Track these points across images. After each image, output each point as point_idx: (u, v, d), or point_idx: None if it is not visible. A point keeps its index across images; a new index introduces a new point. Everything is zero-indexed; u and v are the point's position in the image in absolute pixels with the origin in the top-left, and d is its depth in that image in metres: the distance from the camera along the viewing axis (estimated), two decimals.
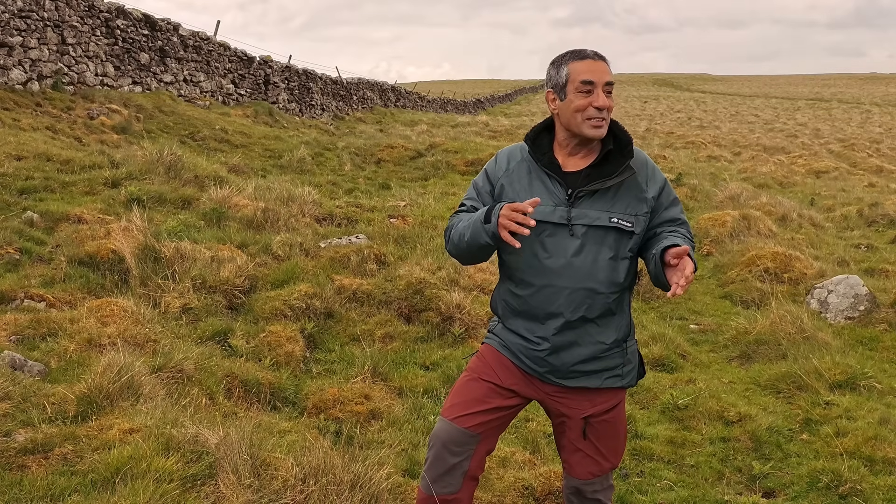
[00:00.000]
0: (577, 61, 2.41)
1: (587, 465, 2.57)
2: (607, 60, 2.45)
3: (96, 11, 14.33)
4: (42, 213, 6.38)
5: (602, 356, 2.49)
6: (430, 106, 43.18)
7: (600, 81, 2.38)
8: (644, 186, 2.47)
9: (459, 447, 2.50)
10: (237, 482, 2.89)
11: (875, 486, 3.60)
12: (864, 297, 6.38)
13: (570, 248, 2.40)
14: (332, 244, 6.70)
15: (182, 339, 4.56)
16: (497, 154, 2.63)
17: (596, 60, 2.40)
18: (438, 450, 2.52)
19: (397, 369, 4.80)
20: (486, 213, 2.34)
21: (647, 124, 37.83)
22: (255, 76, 21.09)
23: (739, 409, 4.49)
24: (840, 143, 28.23)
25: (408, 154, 14.39)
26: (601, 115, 2.38)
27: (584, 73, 2.38)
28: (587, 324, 2.45)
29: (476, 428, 2.51)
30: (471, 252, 2.45)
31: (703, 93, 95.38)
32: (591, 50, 2.44)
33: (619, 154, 2.45)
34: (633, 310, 6.65)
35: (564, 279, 2.41)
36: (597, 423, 2.54)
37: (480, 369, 2.59)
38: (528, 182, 2.47)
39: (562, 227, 2.40)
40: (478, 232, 2.35)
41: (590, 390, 2.52)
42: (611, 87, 2.40)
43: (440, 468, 2.51)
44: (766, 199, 10.99)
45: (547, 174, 2.46)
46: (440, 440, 2.52)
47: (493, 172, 2.56)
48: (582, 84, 2.38)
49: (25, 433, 3.17)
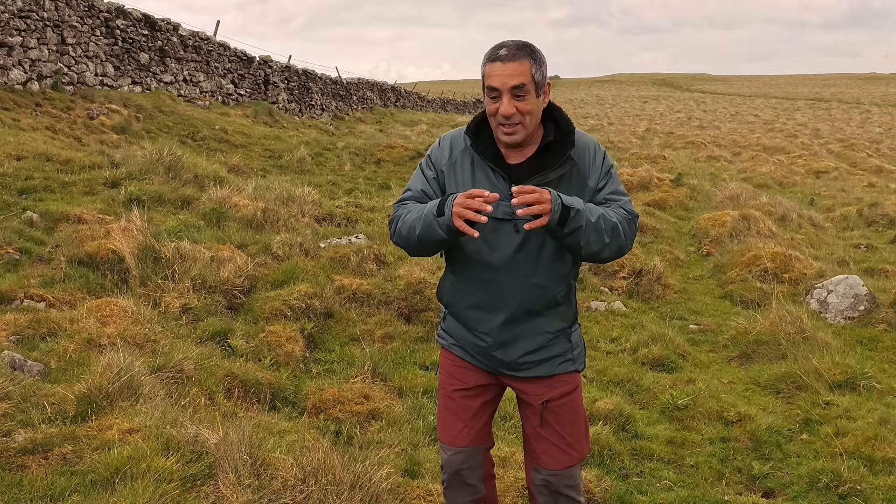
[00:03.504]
0: (489, 64, 2.29)
1: (554, 454, 2.55)
2: (529, 56, 2.26)
3: (96, 11, 14.32)
4: (42, 213, 6.38)
5: (548, 345, 2.48)
6: (430, 106, 43.16)
7: (505, 87, 2.24)
8: (586, 174, 2.40)
9: (470, 464, 2.62)
10: (237, 482, 2.89)
11: (875, 486, 3.60)
12: (864, 297, 6.38)
13: (513, 244, 2.35)
14: (332, 244, 6.70)
15: (182, 339, 4.56)
16: (441, 138, 2.53)
17: (506, 63, 2.24)
18: (452, 475, 2.64)
19: (397, 369, 4.80)
20: (439, 205, 2.24)
21: (646, 124, 37.83)
22: (254, 76, 21.09)
23: (739, 409, 4.49)
24: (840, 144, 28.22)
25: (408, 154, 14.39)
26: (510, 122, 2.28)
27: (490, 77, 2.28)
28: (533, 317, 2.43)
29: (475, 441, 2.60)
30: (422, 246, 2.37)
31: (703, 93, 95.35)
32: (507, 48, 2.27)
33: (560, 144, 2.37)
34: (633, 310, 6.65)
35: (508, 275, 2.37)
36: (555, 407, 2.53)
37: (446, 383, 2.64)
38: (471, 174, 2.39)
39: (505, 222, 2.33)
40: (430, 225, 2.26)
41: (544, 378, 2.51)
42: (522, 90, 2.24)
43: (462, 487, 2.65)
44: (766, 200, 10.99)
45: (490, 167, 2.38)
46: (452, 468, 2.63)
47: (436, 159, 2.48)
48: (489, 90, 2.29)
49: (25, 433, 3.17)
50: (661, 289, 7.20)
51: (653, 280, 7.20)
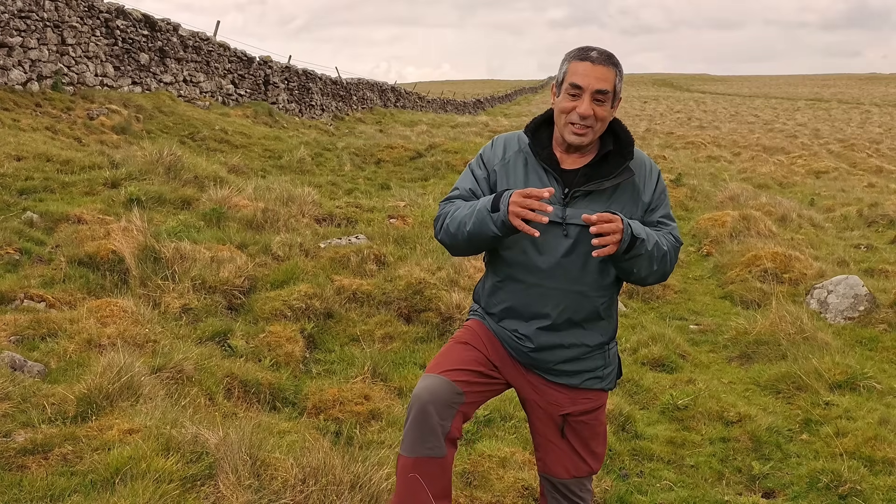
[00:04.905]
0: (576, 61, 2.31)
1: (564, 463, 2.52)
2: (615, 66, 2.32)
3: (96, 12, 14.33)
4: (42, 213, 6.38)
5: (584, 357, 2.46)
6: (430, 106, 43.17)
7: (589, 87, 2.27)
8: (641, 189, 2.41)
9: (444, 406, 2.34)
10: (237, 482, 2.89)
11: (875, 487, 3.60)
12: (864, 297, 6.38)
13: (562, 248, 2.34)
14: (332, 244, 6.70)
15: (182, 339, 4.56)
16: (494, 139, 2.52)
17: (596, 65, 2.28)
18: (422, 407, 2.33)
19: (397, 369, 4.80)
20: (494, 201, 2.23)
21: (646, 124, 37.83)
22: (254, 76, 21.09)
23: (739, 409, 4.49)
24: (840, 144, 28.23)
25: (407, 154, 14.38)
26: (583, 123, 2.29)
27: (576, 75, 2.29)
28: (573, 327, 2.41)
29: (463, 385, 2.38)
30: (471, 243, 2.34)
31: (703, 93, 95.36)
32: (598, 52, 2.32)
33: (618, 155, 2.38)
34: (633, 310, 6.65)
35: (554, 280, 2.35)
36: (575, 423, 2.50)
37: (470, 338, 2.50)
38: (524, 175, 2.39)
39: (555, 225, 2.32)
40: (483, 221, 2.25)
41: (569, 388, 2.49)
42: (603, 96, 2.28)
43: (424, 428, 2.33)
44: (766, 200, 11.00)
45: (544, 169, 2.38)
46: (424, 398, 2.34)
47: (488, 158, 2.47)
48: (571, 87, 2.29)
49: (25, 433, 3.16)
50: (661, 289, 7.21)
51: None
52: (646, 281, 2.39)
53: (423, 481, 2.32)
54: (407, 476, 2.35)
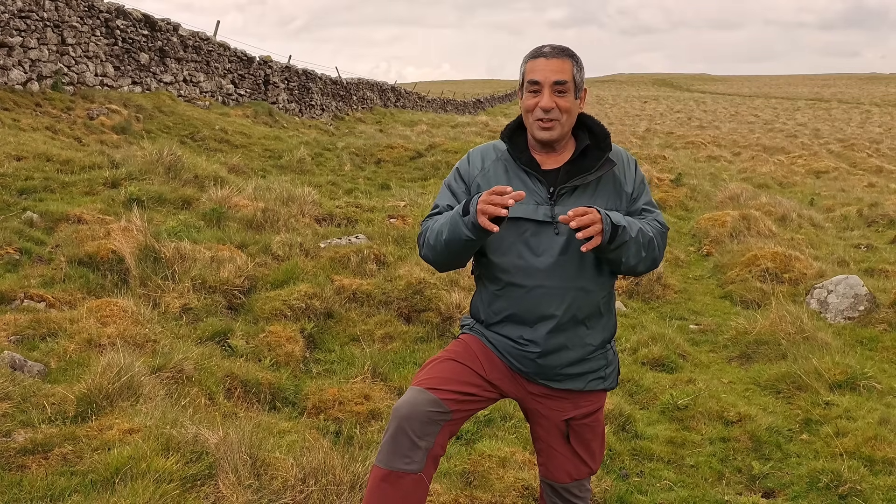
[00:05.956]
0: (532, 60, 2.36)
1: (567, 468, 2.53)
2: (571, 57, 2.36)
3: (96, 12, 14.33)
4: (42, 213, 6.38)
5: (588, 358, 2.46)
6: (430, 106, 43.16)
7: (547, 81, 2.30)
8: (622, 180, 2.44)
9: (426, 422, 2.27)
10: (237, 482, 2.89)
11: (875, 487, 3.60)
12: (864, 297, 6.38)
13: (557, 247, 2.34)
14: (332, 244, 6.70)
15: (182, 339, 4.56)
16: (469, 153, 2.54)
17: (550, 59, 2.33)
18: (402, 423, 2.26)
19: (397, 369, 4.80)
20: (465, 205, 2.26)
21: (646, 124, 37.84)
22: (254, 76, 21.08)
23: (739, 409, 4.49)
24: (840, 144, 28.25)
25: (407, 154, 14.39)
26: (548, 116, 2.32)
27: (533, 72, 2.33)
28: (577, 325, 2.41)
29: (451, 403, 2.32)
30: (450, 252, 2.33)
31: (703, 93, 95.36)
32: (551, 47, 2.37)
33: (596, 148, 2.41)
34: (633, 310, 6.65)
35: (554, 279, 2.35)
36: (578, 427, 2.51)
37: (463, 354, 2.46)
38: (507, 181, 2.39)
39: (546, 225, 2.34)
40: (456, 226, 2.26)
41: (573, 392, 2.48)
42: (563, 86, 2.31)
43: (403, 443, 2.26)
44: (766, 200, 11.00)
45: (526, 172, 2.39)
46: (403, 412, 2.27)
47: (466, 172, 2.48)
48: (530, 84, 2.33)
49: (25, 433, 3.17)
50: (661, 289, 7.21)
51: (653, 280, 7.20)
52: (637, 269, 2.38)
53: (394, 496, 2.27)
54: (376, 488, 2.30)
